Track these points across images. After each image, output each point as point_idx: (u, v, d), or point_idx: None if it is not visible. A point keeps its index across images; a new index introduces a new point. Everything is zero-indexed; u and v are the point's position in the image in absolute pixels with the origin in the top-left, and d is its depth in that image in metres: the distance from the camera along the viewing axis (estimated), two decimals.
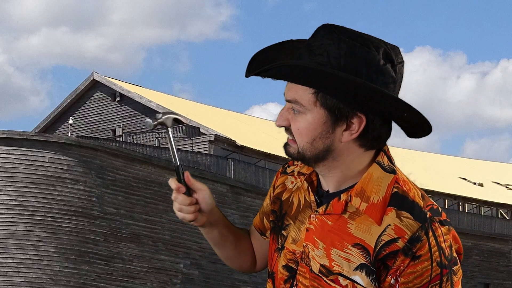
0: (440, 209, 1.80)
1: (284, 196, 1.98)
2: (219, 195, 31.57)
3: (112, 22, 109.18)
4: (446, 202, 46.51)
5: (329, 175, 1.84)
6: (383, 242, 1.75)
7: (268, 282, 1.97)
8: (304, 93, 1.77)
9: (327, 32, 1.77)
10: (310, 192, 1.89)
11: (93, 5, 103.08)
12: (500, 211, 48.89)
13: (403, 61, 1.82)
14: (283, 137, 1.84)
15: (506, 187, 52.88)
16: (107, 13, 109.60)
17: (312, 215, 1.86)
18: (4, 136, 27.90)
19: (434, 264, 1.73)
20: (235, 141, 37.25)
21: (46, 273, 27.53)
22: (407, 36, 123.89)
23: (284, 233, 1.92)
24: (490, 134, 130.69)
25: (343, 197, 1.81)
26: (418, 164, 51.12)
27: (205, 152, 35.59)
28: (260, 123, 46.10)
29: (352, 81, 1.71)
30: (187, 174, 1.94)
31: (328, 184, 1.86)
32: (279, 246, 1.93)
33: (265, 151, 37.96)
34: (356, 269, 1.77)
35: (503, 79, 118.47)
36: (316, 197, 1.88)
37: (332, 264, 1.80)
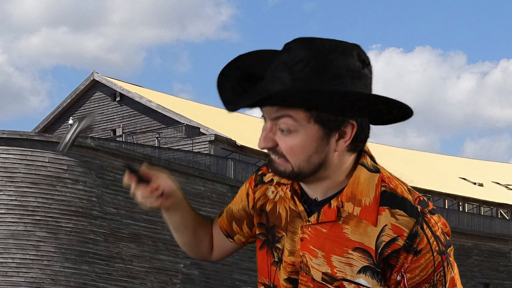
0: (426, 199, 1.82)
1: (268, 207, 1.95)
2: (219, 195, 31.58)
3: (112, 22, 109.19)
4: (446, 202, 46.50)
5: (318, 183, 1.82)
6: (384, 243, 1.77)
7: None
8: (294, 111, 1.73)
9: (301, 46, 1.72)
10: (297, 201, 1.87)
11: (93, 5, 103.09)
12: (500, 211, 48.89)
13: (369, 59, 1.77)
14: None
15: (506, 187, 52.88)
16: (107, 13, 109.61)
17: (304, 225, 1.84)
18: (4, 136, 27.91)
19: (435, 254, 1.77)
20: (235, 141, 37.25)
21: (46, 273, 27.54)
22: (407, 36, 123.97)
23: (279, 246, 1.91)
24: (490, 134, 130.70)
25: (334, 203, 1.80)
26: (418, 164, 51.11)
27: (205, 152, 35.59)
28: (260, 123, 45.99)
29: (344, 93, 1.69)
30: (143, 168, 1.96)
31: (315, 192, 1.84)
32: (276, 260, 1.91)
33: (265, 151, 37.90)
34: (359, 272, 1.79)
35: (503, 79, 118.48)
36: (305, 206, 1.86)
37: (335, 270, 1.81)
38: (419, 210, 1.77)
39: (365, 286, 1.79)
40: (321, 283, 1.83)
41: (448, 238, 1.82)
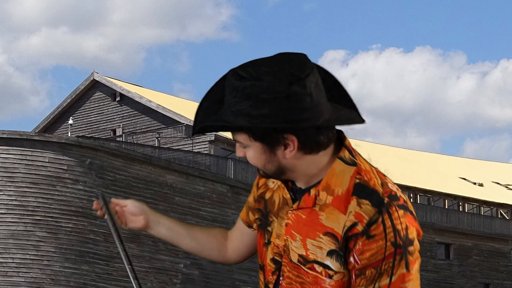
0: (399, 195, 1.95)
1: (267, 195, 2.14)
2: (219, 195, 31.58)
3: (112, 22, 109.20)
4: (446, 202, 46.51)
5: (295, 178, 2.02)
6: (346, 227, 1.91)
7: (260, 273, 2.15)
8: (240, 134, 1.95)
9: (233, 76, 1.89)
10: (285, 189, 2.06)
11: (93, 5, 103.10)
12: (500, 211, 48.90)
13: (310, 70, 1.88)
14: None
15: (506, 187, 52.91)
16: (107, 13, 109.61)
17: (289, 211, 2.03)
18: (4, 136, 27.91)
19: (388, 244, 1.88)
20: None
21: (46, 273, 27.54)
22: (407, 36, 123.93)
23: (269, 229, 2.09)
24: (490, 134, 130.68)
25: (312, 192, 1.97)
26: (418, 164, 51.11)
27: (205, 152, 35.60)
28: None
29: (271, 127, 1.87)
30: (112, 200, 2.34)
31: (299, 183, 2.02)
32: (266, 241, 2.10)
33: None
34: (327, 254, 1.95)
35: (503, 79, 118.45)
36: (291, 194, 2.04)
37: (308, 253, 1.97)
38: (385, 202, 1.91)
39: (332, 269, 1.94)
40: (296, 264, 2.00)
41: (412, 236, 1.91)
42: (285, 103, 1.85)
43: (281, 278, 2.04)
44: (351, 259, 1.91)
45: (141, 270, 29.16)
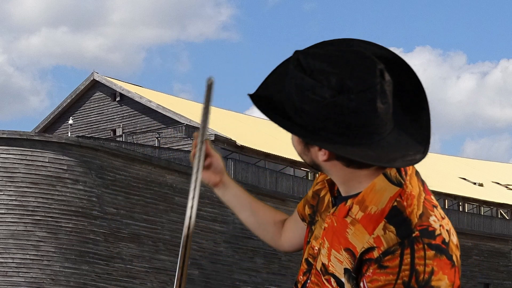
0: (437, 233, 1.73)
1: (322, 193, 2.00)
2: None
3: (112, 22, 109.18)
4: (446, 202, 46.50)
5: (334, 180, 1.89)
6: (364, 249, 1.74)
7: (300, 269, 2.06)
8: None
9: (296, 62, 1.76)
10: (329, 192, 1.95)
11: (93, 5, 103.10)
12: (500, 211, 48.89)
13: (371, 85, 1.70)
14: (283, 137, 1.87)
15: (506, 187, 52.87)
16: (107, 13, 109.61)
17: (327, 215, 1.90)
18: (4, 136, 27.92)
19: (398, 282, 1.68)
20: (235, 141, 37.24)
21: (46, 273, 27.54)
22: (407, 36, 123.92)
23: (313, 228, 1.98)
24: (490, 134, 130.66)
25: (349, 202, 1.82)
26: (418, 164, 51.06)
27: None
28: (260, 123, 46.06)
29: (289, 128, 1.76)
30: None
31: (340, 188, 1.88)
32: (308, 240, 1.98)
33: (265, 151, 37.95)
34: (344, 272, 1.80)
35: (503, 79, 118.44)
36: (332, 198, 1.92)
37: (329, 264, 1.84)
38: (413, 235, 1.71)
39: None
40: (318, 272, 1.87)
41: (437, 285, 1.68)
42: (324, 110, 1.70)
43: (308, 281, 1.92)
44: (361, 284, 1.74)
45: (141, 270, 29.17)
